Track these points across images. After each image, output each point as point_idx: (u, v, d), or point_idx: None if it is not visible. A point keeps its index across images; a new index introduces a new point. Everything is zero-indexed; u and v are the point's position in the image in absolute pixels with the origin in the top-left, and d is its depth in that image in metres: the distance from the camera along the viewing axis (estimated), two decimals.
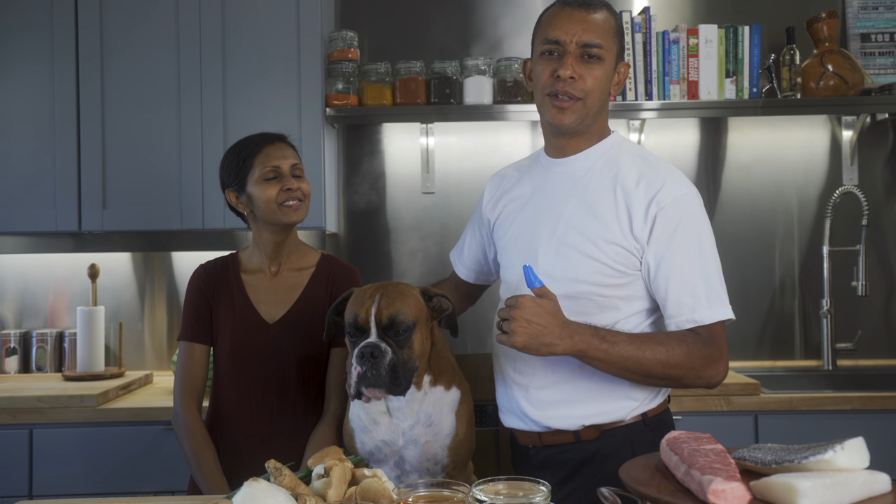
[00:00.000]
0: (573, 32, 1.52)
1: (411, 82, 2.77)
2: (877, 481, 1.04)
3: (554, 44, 1.54)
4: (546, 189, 1.64)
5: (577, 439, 1.56)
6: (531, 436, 1.61)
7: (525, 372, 1.59)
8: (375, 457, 1.60)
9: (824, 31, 2.82)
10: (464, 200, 2.97)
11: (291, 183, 1.86)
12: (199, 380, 1.92)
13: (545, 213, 1.61)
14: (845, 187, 2.81)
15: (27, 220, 2.64)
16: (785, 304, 2.95)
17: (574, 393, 1.56)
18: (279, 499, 1.15)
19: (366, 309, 1.50)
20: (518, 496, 1.12)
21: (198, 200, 2.64)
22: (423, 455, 1.58)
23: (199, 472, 1.84)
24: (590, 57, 1.53)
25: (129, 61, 2.65)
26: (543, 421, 1.58)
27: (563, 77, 1.52)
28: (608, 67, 1.55)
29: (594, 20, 1.53)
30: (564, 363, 1.54)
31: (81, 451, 2.35)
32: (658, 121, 2.92)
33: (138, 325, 2.96)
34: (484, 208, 1.80)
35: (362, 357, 1.45)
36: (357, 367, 1.46)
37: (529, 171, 1.73)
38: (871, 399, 2.36)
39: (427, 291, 1.58)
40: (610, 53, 1.55)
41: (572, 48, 1.52)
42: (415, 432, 1.57)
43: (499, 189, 1.77)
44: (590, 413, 1.56)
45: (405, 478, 1.60)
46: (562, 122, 1.56)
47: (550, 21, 1.57)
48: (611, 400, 1.55)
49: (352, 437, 1.63)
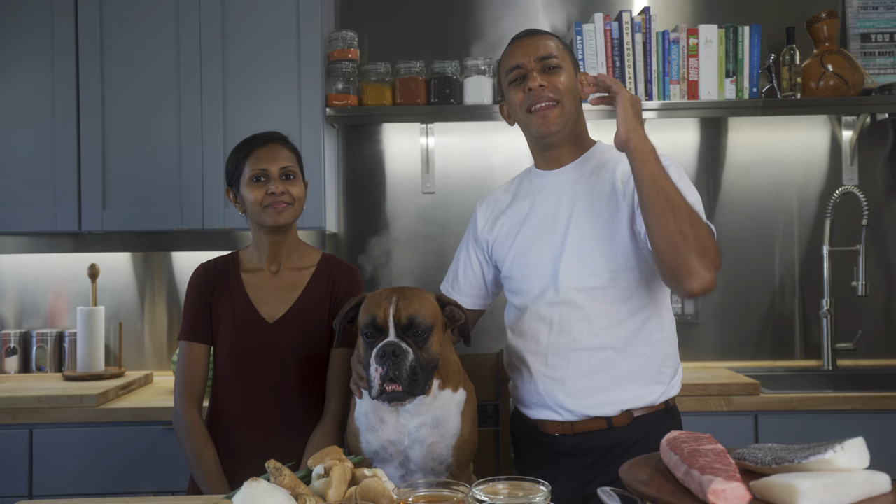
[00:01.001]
0: (529, 53, 1.71)
1: (411, 82, 2.77)
2: (877, 481, 1.04)
3: (517, 69, 1.71)
4: (547, 200, 1.75)
5: (609, 426, 1.66)
6: (563, 425, 1.69)
7: (558, 366, 1.67)
8: (380, 456, 1.60)
9: (824, 31, 2.82)
10: (464, 200, 2.97)
11: (277, 186, 1.86)
12: (199, 379, 1.92)
13: (550, 222, 1.72)
14: (845, 187, 2.81)
15: (27, 220, 2.64)
16: (785, 304, 2.95)
17: (609, 381, 1.66)
18: (279, 499, 1.15)
19: (384, 309, 1.49)
20: (518, 496, 1.12)
21: (198, 200, 2.64)
22: (429, 455, 1.58)
23: (199, 472, 1.83)
24: (550, 68, 1.70)
25: (129, 61, 2.65)
26: (582, 410, 1.67)
27: (534, 87, 1.67)
28: (569, 74, 1.71)
29: (543, 40, 1.73)
30: (599, 352, 1.65)
31: (81, 451, 2.35)
32: (658, 121, 2.92)
33: (138, 325, 2.96)
34: (479, 232, 1.87)
35: (383, 356, 1.44)
36: (378, 367, 1.44)
37: (521, 189, 1.83)
38: (871, 399, 2.36)
39: (441, 298, 1.60)
40: (566, 63, 1.72)
41: (532, 65, 1.70)
42: (421, 433, 1.57)
43: (493, 211, 1.86)
44: (626, 398, 1.66)
45: (409, 477, 1.60)
46: (549, 130, 1.69)
47: (509, 54, 1.75)
48: (642, 384, 1.67)
49: (357, 436, 1.63)
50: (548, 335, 1.69)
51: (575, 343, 1.66)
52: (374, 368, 1.45)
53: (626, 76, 2.75)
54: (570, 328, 1.67)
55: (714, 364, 2.84)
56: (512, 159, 2.90)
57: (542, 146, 1.75)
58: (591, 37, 2.75)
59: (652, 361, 1.68)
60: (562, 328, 1.68)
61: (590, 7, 2.98)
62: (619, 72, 2.75)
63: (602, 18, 2.76)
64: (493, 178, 2.94)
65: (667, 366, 1.70)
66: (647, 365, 1.67)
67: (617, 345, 1.66)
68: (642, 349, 1.67)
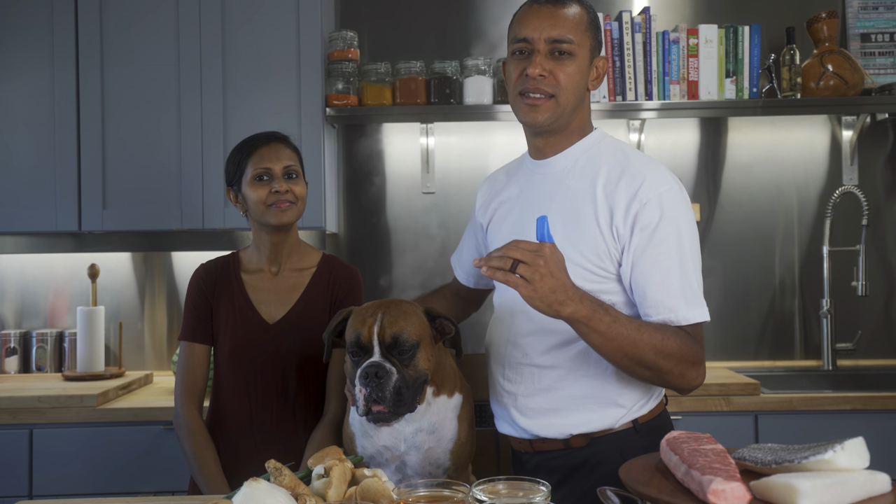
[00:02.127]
0: (541, 29, 1.49)
1: (411, 82, 2.77)
2: (877, 481, 1.04)
3: (523, 42, 1.52)
4: (531, 192, 1.62)
5: (566, 447, 1.55)
6: (522, 442, 1.60)
7: (513, 380, 1.58)
8: (376, 461, 1.58)
9: (824, 31, 2.82)
10: (464, 200, 2.97)
11: (281, 185, 1.85)
12: (199, 380, 1.92)
13: (530, 216, 1.57)
14: (845, 187, 2.81)
15: (27, 220, 2.64)
16: (785, 304, 2.95)
17: (561, 401, 1.54)
18: (279, 499, 1.15)
19: (368, 327, 1.44)
20: (518, 496, 1.12)
21: (198, 200, 2.64)
22: (426, 460, 1.55)
23: (199, 472, 1.84)
24: (560, 53, 1.50)
25: (129, 61, 2.65)
26: (532, 429, 1.57)
27: (532, 76, 1.49)
28: (581, 62, 1.52)
29: (563, 15, 1.50)
30: (551, 371, 1.53)
31: (81, 451, 2.35)
32: (658, 121, 2.92)
33: (138, 325, 2.96)
34: (477, 213, 1.79)
35: (366, 377, 1.40)
36: (362, 388, 1.41)
37: (516, 173, 1.71)
38: (871, 399, 2.36)
39: (430, 311, 1.53)
40: (582, 48, 1.51)
41: (541, 45, 1.49)
42: (417, 439, 1.53)
43: (490, 192, 1.76)
44: (577, 422, 1.53)
45: (406, 481, 1.58)
46: (535, 121, 1.53)
47: (520, 20, 1.54)
48: (598, 408, 1.53)
49: (352, 440, 1.61)
50: (505, 346, 1.59)
51: (527, 358, 1.55)
52: (359, 389, 1.42)
53: (626, 76, 2.75)
54: (524, 342, 1.55)
55: (714, 364, 2.84)
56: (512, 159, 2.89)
57: (529, 132, 1.61)
58: None
59: (610, 384, 1.52)
60: (517, 341, 1.57)
61: None
62: (619, 72, 2.75)
63: (602, 18, 2.76)
64: None
65: (630, 388, 1.53)
66: (603, 387, 1.52)
67: (568, 364, 1.52)
68: (598, 370, 1.51)
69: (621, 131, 2.97)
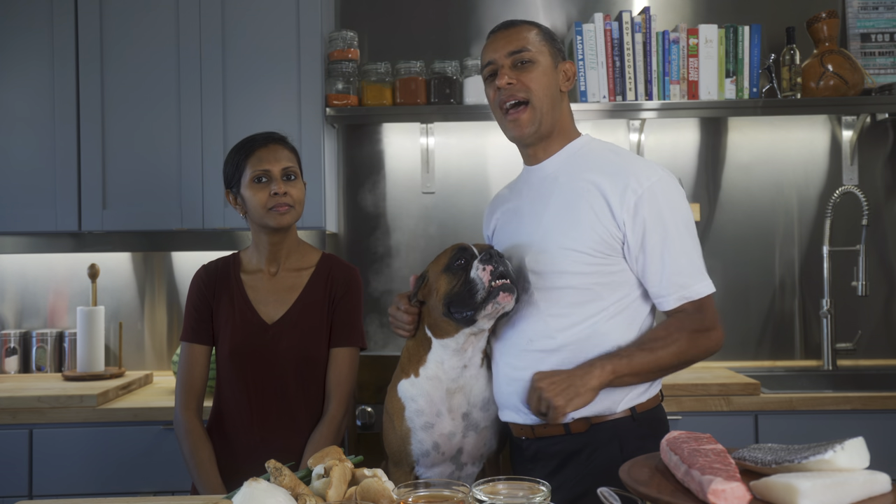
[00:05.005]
0: (500, 48, 1.66)
1: (411, 82, 2.77)
2: (877, 481, 1.05)
3: (490, 65, 1.68)
4: (529, 196, 1.73)
5: (567, 432, 1.60)
6: (524, 428, 1.65)
7: (518, 367, 1.63)
8: (431, 457, 1.65)
9: (824, 31, 2.82)
10: (464, 200, 2.97)
11: (280, 187, 1.86)
12: (199, 380, 1.93)
13: (529, 218, 1.69)
14: (845, 187, 2.81)
15: (27, 220, 2.64)
16: (785, 304, 2.95)
17: None
18: (279, 499, 1.15)
19: (473, 244, 1.65)
20: (518, 496, 1.12)
21: (198, 200, 2.64)
22: (480, 440, 1.68)
23: (195, 472, 1.84)
24: (522, 63, 1.65)
25: (129, 61, 2.65)
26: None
27: (501, 86, 1.64)
28: (545, 67, 1.66)
29: (516, 32, 1.68)
30: (550, 355, 1.60)
31: (81, 451, 2.35)
32: (658, 121, 2.92)
33: (138, 325, 2.96)
34: (485, 229, 1.91)
35: (490, 258, 1.55)
36: (486, 266, 1.54)
37: (516, 185, 1.83)
38: (871, 399, 2.36)
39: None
40: (542, 55, 1.66)
41: (504, 61, 1.65)
42: (473, 417, 1.67)
43: (493, 206, 1.88)
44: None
45: (458, 473, 1.67)
46: (521, 134, 1.66)
47: (485, 49, 1.72)
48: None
49: (406, 438, 1.65)
50: (511, 333, 1.66)
51: (531, 344, 1.62)
52: (482, 269, 1.54)
53: (626, 76, 2.75)
54: (528, 328, 1.62)
55: (714, 364, 2.83)
56: (512, 159, 2.85)
57: (519, 144, 1.74)
58: (591, 37, 2.74)
59: None
60: (521, 327, 1.64)
61: (590, 7, 2.98)
62: (619, 72, 2.75)
63: (602, 18, 2.76)
64: (493, 178, 2.94)
65: None
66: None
67: (571, 348, 1.59)
68: (599, 353, 1.58)
69: (621, 131, 2.97)
